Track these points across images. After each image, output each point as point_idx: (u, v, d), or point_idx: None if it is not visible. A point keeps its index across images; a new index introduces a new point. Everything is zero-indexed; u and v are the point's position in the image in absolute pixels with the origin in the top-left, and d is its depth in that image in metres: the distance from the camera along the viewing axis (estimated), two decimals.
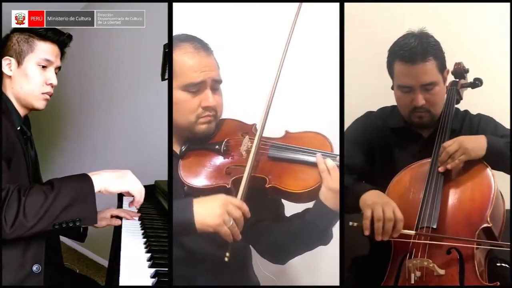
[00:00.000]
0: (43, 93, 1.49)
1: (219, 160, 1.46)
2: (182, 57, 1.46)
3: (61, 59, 1.54)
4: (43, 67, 1.48)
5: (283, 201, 1.55)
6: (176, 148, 1.52)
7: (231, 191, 1.39)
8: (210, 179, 1.43)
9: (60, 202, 1.23)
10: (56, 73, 1.52)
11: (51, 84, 1.49)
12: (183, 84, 1.46)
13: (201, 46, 1.49)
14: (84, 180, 1.29)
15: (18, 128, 1.46)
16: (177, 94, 1.46)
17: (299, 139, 1.45)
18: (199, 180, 1.43)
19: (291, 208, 1.53)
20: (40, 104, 1.49)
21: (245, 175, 1.37)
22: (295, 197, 1.39)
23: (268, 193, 1.40)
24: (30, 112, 1.53)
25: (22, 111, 1.49)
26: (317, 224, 1.39)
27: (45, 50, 1.48)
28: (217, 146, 1.47)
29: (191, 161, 1.47)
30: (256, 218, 1.45)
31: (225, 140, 1.48)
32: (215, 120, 1.50)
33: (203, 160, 1.46)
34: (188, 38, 1.50)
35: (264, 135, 1.44)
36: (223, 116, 1.54)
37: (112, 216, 1.74)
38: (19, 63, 1.47)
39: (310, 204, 1.42)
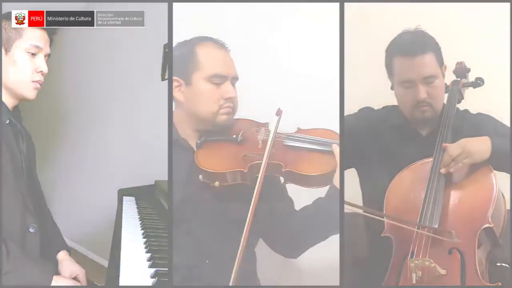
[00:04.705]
0: (33, 81, 1.41)
1: (236, 148, 1.51)
2: (206, 51, 1.53)
3: (50, 46, 1.47)
4: (32, 54, 1.40)
5: (292, 196, 1.60)
6: (192, 142, 1.55)
7: (247, 176, 1.45)
8: (227, 164, 1.47)
9: (9, 279, 1.26)
10: (45, 61, 1.44)
11: (41, 72, 1.41)
12: (209, 75, 1.51)
13: (221, 44, 1.56)
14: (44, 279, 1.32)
15: (7, 122, 1.40)
16: (201, 85, 1.51)
17: (311, 133, 1.51)
18: (217, 166, 1.47)
19: (301, 203, 1.57)
20: (31, 93, 1.41)
21: (263, 160, 1.42)
22: (310, 180, 1.44)
23: (284, 178, 1.46)
24: (28, 111, 1.51)
25: (11, 102, 1.42)
26: (330, 209, 1.44)
27: (33, 36, 1.41)
28: (234, 136, 1.52)
29: (208, 150, 1.51)
30: (269, 211, 1.51)
31: (241, 132, 1.53)
32: (233, 113, 1.55)
33: (220, 149, 1.51)
34: (208, 38, 1.56)
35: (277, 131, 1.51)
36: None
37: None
38: (6, 50, 1.39)
39: (322, 194, 1.47)
